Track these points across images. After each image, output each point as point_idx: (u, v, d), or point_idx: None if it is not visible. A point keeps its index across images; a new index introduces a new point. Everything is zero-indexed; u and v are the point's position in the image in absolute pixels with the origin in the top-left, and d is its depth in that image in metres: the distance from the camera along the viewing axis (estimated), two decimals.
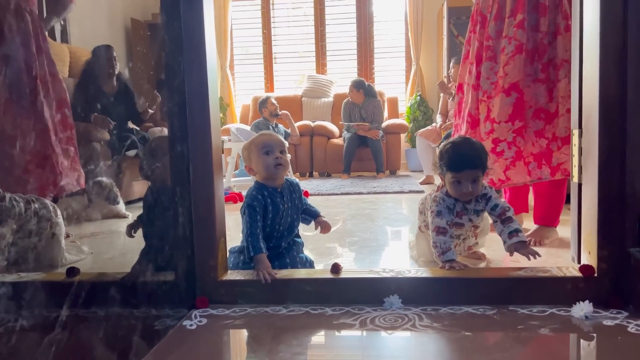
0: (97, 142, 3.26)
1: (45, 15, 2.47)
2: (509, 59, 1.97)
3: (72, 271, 1.42)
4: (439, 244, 1.52)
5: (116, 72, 3.49)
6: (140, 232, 1.63)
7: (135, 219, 1.66)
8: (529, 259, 1.46)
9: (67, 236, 2.16)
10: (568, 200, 1.63)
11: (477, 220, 1.66)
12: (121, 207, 3.31)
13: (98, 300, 1.30)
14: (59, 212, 1.89)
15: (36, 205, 1.80)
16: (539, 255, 1.47)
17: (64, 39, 4.65)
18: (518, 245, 1.50)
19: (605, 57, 1.31)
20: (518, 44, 1.96)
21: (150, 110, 3.64)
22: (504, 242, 1.55)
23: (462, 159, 1.53)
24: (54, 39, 4.45)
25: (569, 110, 1.94)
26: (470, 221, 1.64)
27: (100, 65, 3.37)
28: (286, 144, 1.63)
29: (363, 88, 5.47)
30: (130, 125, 3.71)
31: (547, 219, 2.10)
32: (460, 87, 2.24)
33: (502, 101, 1.98)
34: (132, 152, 3.52)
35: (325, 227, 1.64)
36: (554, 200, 2.10)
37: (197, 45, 1.35)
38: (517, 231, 1.52)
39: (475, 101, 2.09)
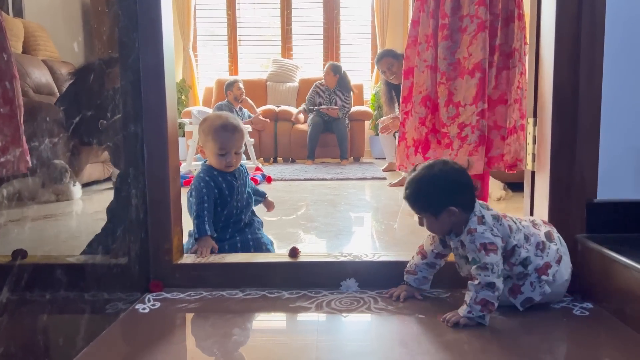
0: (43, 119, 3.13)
1: None
2: (472, 39, 1.89)
3: (19, 253, 1.36)
4: (410, 262, 1.32)
5: None
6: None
7: None
8: (442, 321, 1.16)
9: None
10: (521, 188, 1.65)
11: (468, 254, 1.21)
12: (77, 190, 3.20)
13: (44, 283, 1.26)
14: None
15: None
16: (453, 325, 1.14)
17: (17, 13, 4.42)
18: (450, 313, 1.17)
19: (559, 48, 1.34)
20: (480, 22, 1.88)
21: None
22: None
23: (407, 198, 1.24)
24: (8, 13, 4.22)
25: (517, 101, 1.91)
26: (457, 250, 1.25)
27: None
28: (249, 128, 1.63)
29: (339, 74, 5.46)
30: None
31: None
32: (409, 72, 2.09)
33: (467, 83, 1.91)
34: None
35: (270, 206, 1.79)
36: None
37: (153, 21, 1.31)
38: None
39: (434, 84, 2.00)
